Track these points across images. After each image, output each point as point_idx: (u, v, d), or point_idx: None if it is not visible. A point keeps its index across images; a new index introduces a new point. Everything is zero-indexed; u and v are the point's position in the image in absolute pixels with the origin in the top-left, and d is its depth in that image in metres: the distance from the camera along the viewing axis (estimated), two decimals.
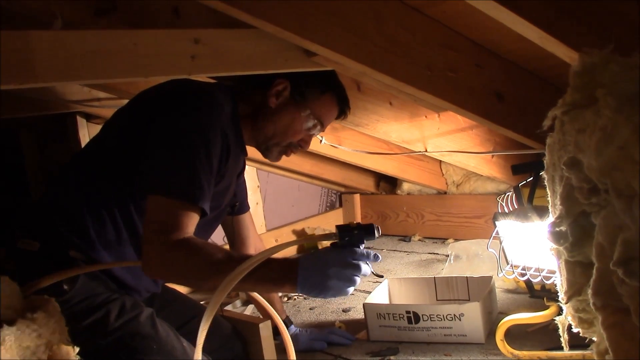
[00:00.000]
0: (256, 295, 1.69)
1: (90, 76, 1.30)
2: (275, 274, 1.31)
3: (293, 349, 1.57)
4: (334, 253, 1.33)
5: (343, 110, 1.75)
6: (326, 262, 1.31)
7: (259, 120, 1.65)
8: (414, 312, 1.90)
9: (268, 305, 1.68)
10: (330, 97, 1.69)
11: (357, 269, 1.30)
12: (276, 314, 1.66)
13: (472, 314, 1.83)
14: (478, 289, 2.10)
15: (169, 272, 1.37)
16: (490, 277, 2.08)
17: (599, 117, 0.75)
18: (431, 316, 1.88)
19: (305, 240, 1.81)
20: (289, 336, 1.58)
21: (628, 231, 0.71)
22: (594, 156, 0.74)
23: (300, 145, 1.72)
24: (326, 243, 1.43)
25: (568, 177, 0.84)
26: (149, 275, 1.42)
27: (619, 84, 0.76)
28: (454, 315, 1.85)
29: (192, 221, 1.37)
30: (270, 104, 1.63)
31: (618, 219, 0.74)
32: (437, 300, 2.18)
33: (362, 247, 1.33)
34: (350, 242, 1.34)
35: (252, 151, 1.76)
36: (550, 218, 0.96)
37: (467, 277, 2.16)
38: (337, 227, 1.33)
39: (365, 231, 1.33)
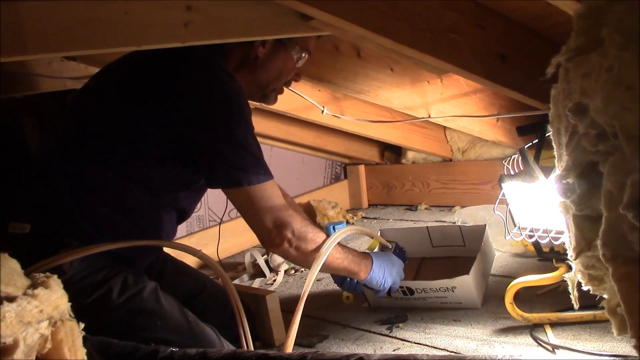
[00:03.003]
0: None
1: (81, 47, 1.27)
2: (359, 262, 1.67)
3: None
4: (397, 260, 1.79)
5: None
6: (392, 264, 1.75)
7: (250, 72, 1.64)
8: (407, 287, 1.87)
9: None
10: None
11: (401, 277, 1.79)
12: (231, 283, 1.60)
13: (464, 286, 1.80)
14: (472, 236, 2.06)
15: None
16: (484, 226, 2.04)
17: (605, 58, 0.72)
18: (424, 289, 1.86)
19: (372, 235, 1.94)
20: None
21: (638, 173, 0.68)
22: (601, 99, 0.71)
23: (294, 80, 1.75)
24: None
25: (574, 125, 0.81)
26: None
27: (625, 22, 0.72)
28: (447, 287, 1.83)
29: (279, 190, 1.56)
30: (258, 54, 1.62)
31: (627, 164, 0.71)
32: (432, 247, 2.15)
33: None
34: (402, 256, 1.84)
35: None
36: (557, 172, 0.93)
37: (459, 225, 2.15)
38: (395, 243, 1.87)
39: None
